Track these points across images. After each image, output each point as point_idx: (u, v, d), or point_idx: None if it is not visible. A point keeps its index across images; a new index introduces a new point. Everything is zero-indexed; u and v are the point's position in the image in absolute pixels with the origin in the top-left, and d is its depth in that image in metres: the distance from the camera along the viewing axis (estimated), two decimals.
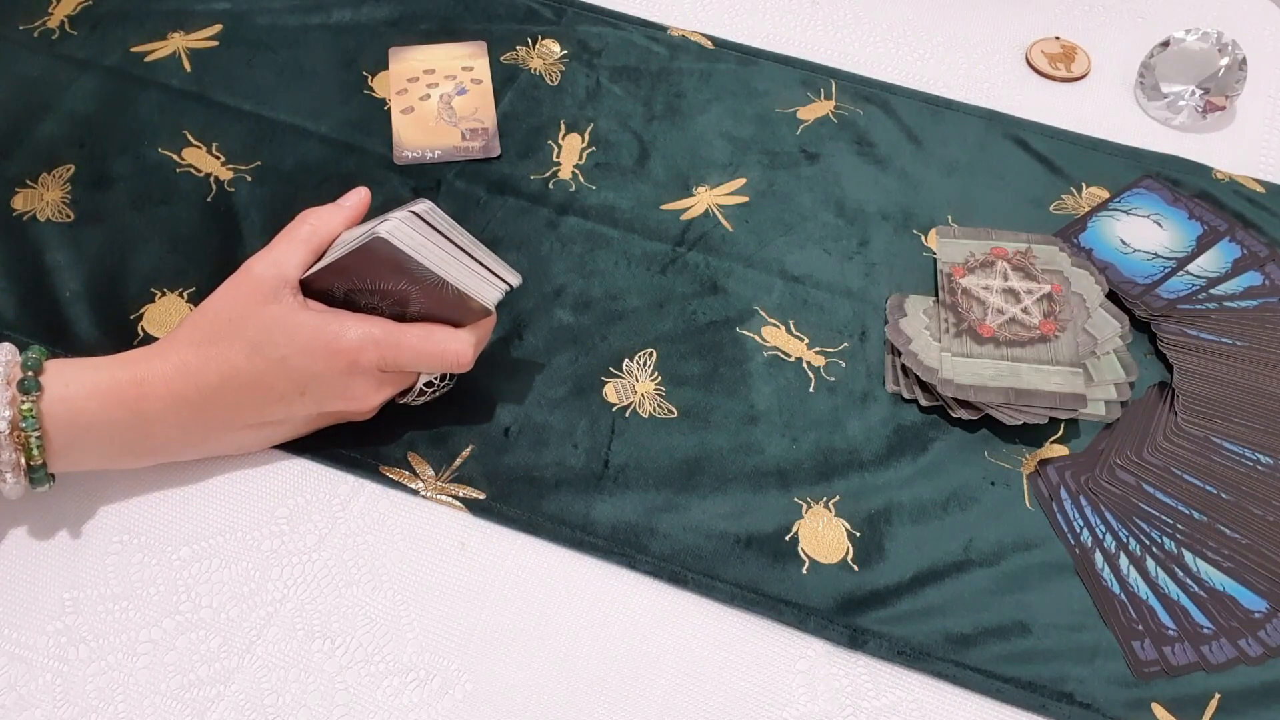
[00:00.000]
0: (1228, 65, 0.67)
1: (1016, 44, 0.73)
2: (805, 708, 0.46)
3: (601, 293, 0.58)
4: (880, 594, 0.49)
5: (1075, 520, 0.51)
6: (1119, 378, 0.55)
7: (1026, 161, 0.65)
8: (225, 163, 0.62)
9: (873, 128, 0.67)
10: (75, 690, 0.45)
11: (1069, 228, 0.62)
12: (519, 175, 0.63)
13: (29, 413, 0.43)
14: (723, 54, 0.70)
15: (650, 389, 0.55)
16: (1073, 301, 0.57)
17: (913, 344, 0.56)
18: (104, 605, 0.47)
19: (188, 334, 0.47)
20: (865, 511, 0.51)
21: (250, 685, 0.45)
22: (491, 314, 0.49)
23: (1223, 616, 0.49)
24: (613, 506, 0.51)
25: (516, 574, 0.49)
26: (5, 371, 0.43)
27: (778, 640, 0.48)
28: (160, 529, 0.49)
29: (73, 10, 0.69)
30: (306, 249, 0.48)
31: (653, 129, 0.66)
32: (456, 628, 0.47)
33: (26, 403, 0.43)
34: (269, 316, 0.46)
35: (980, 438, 0.54)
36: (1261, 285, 0.59)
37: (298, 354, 0.46)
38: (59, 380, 0.44)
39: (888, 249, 0.61)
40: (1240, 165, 0.67)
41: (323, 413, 0.50)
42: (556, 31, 0.71)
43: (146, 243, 0.59)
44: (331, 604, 0.48)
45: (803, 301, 0.59)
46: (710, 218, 0.62)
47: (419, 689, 0.46)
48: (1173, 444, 0.53)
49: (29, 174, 0.61)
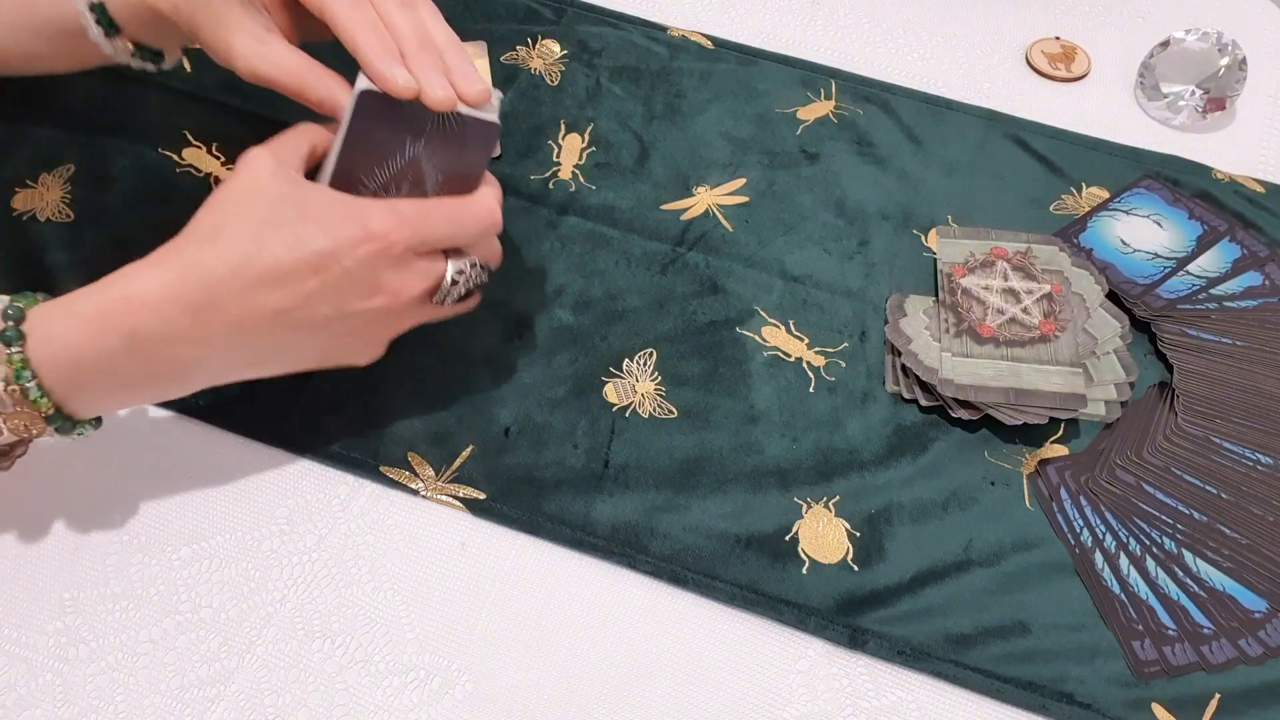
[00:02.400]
0: (1228, 65, 0.67)
1: (1016, 44, 0.73)
2: (805, 708, 0.46)
3: (601, 293, 0.58)
4: (880, 594, 0.49)
5: (1075, 520, 0.51)
6: (1119, 378, 0.55)
7: (1026, 161, 0.65)
8: (225, 163, 0.62)
9: (873, 128, 0.67)
10: (75, 690, 0.45)
11: (1069, 228, 0.62)
12: (519, 175, 0.63)
13: (20, 364, 0.40)
14: (723, 54, 0.70)
15: (650, 389, 0.55)
16: (1073, 301, 0.57)
17: (913, 344, 0.56)
18: (104, 605, 0.47)
19: (185, 234, 0.43)
20: (865, 511, 0.51)
21: (250, 685, 0.45)
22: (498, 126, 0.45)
23: (1223, 616, 0.49)
24: (613, 506, 0.51)
25: (516, 574, 0.49)
26: None
27: (778, 640, 0.48)
28: (160, 529, 0.49)
29: None
30: (303, 139, 0.45)
31: (653, 129, 0.66)
32: (456, 628, 0.47)
33: (13, 354, 0.40)
34: (277, 193, 0.42)
35: (980, 438, 0.54)
36: (1261, 285, 0.59)
37: (316, 231, 0.42)
38: (43, 323, 0.41)
39: (888, 249, 0.61)
40: (1240, 165, 0.67)
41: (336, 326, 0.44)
42: (556, 31, 0.71)
43: (146, 243, 0.58)
44: (331, 604, 0.48)
45: (803, 301, 0.59)
46: (710, 218, 0.62)
47: (419, 689, 0.46)
48: (1173, 444, 0.53)
49: (29, 174, 0.61)
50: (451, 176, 0.46)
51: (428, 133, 0.44)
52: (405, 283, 0.45)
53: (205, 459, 0.51)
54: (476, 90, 0.44)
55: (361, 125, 0.43)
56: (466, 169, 0.46)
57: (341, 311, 0.44)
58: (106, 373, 0.42)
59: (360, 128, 0.43)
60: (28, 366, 0.41)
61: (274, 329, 0.43)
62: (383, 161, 0.44)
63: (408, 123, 0.44)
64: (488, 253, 0.49)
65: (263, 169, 0.43)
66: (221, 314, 0.42)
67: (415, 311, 0.47)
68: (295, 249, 0.42)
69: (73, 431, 0.43)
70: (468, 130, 0.45)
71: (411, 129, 0.44)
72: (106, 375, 0.42)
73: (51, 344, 0.41)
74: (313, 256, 0.42)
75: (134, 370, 0.42)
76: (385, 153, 0.44)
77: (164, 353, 0.42)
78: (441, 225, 0.45)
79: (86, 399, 0.43)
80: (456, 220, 0.45)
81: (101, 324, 0.41)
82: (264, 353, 0.45)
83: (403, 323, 0.48)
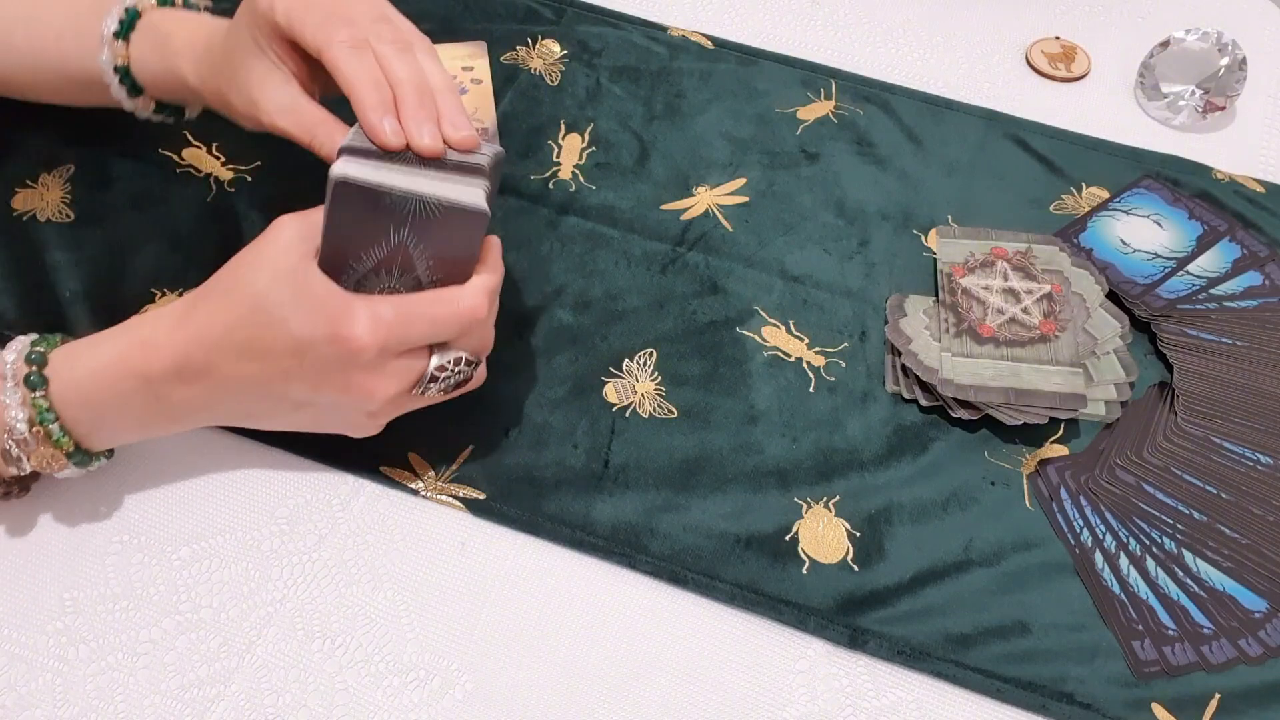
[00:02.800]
0: (1228, 65, 0.67)
1: (1016, 44, 0.73)
2: (805, 708, 0.46)
3: (601, 293, 0.58)
4: (880, 594, 0.49)
5: (1075, 520, 0.51)
6: (1119, 378, 0.55)
7: (1026, 161, 0.65)
8: (225, 163, 0.62)
9: (873, 128, 0.67)
10: (75, 690, 0.45)
11: (1069, 228, 0.62)
12: (519, 175, 0.63)
13: (43, 407, 0.43)
14: (723, 54, 0.70)
15: (650, 389, 0.55)
16: (1073, 301, 0.57)
17: (913, 344, 0.56)
18: (104, 605, 0.47)
19: (206, 286, 0.44)
20: (865, 511, 0.51)
21: (250, 685, 0.45)
22: (486, 214, 0.43)
23: (1223, 616, 0.49)
24: (613, 506, 0.51)
25: (516, 574, 0.49)
26: (14, 371, 0.43)
27: (778, 640, 0.48)
28: (160, 529, 0.49)
29: None
30: None
31: (653, 129, 0.66)
32: (456, 628, 0.47)
33: (38, 399, 0.43)
34: (284, 269, 0.42)
35: (980, 438, 0.54)
36: (1261, 285, 0.59)
37: (300, 318, 0.42)
38: (65, 366, 0.44)
39: (888, 249, 0.61)
40: (1240, 165, 0.67)
41: (319, 405, 0.45)
42: (556, 31, 0.71)
43: (146, 243, 0.59)
44: (331, 604, 0.48)
45: (803, 301, 0.59)
46: (710, 218, 0.62)
47: (419, 689, 0.46)
48: (1173, 444, 0.53)
49: (29, 174, 0.61)
50: (442, 262, 0.44)
51: (410, 221, 0.42)
52: (377, 384, 0.44)
53: (205, 459, 0.51)
54: (462, 135, 0.44)
55: (339, 210, 0.42)
56: (457, 253, 0.44)
57: (316, 398, 0.44)
58: (123, 412, 0.45)
59: (338, 213, 0.42)
60: (51, 409, 0.43)
61: (258, 396, 0.45)
62: (367, 247, 0.43)
63: (387, 210, 0.42)
64: (477, 345, 0.46)
65: (281, 237, 0.43)
66: (214, 373, 0.44)
67: (400, 403, 0.46)
68: (273, 329, 0.42)
69: (89, 464, 0.46)
70: (450, 218, 0.43)
71: (392, 217, 0.42)
72: (123, 414, 0.45)
73: (74, 387, 0.44)
74: (289, 340, 0.42)
75: (148, 409, 0.45)
76: (368, 238, 0.43)
77: (174, 395, 0.44)
78: (420, 326, 0.43)
79: (104, 435, 0.46)
80: (438, 320, 0.44)
81: (120, 367, 0.44)
82: (257, 412, 0.46)
83: (389, 412, 0.46)
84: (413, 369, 0.44)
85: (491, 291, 0.45)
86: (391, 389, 0.44)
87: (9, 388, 0.43)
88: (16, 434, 0.43)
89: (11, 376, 0.43)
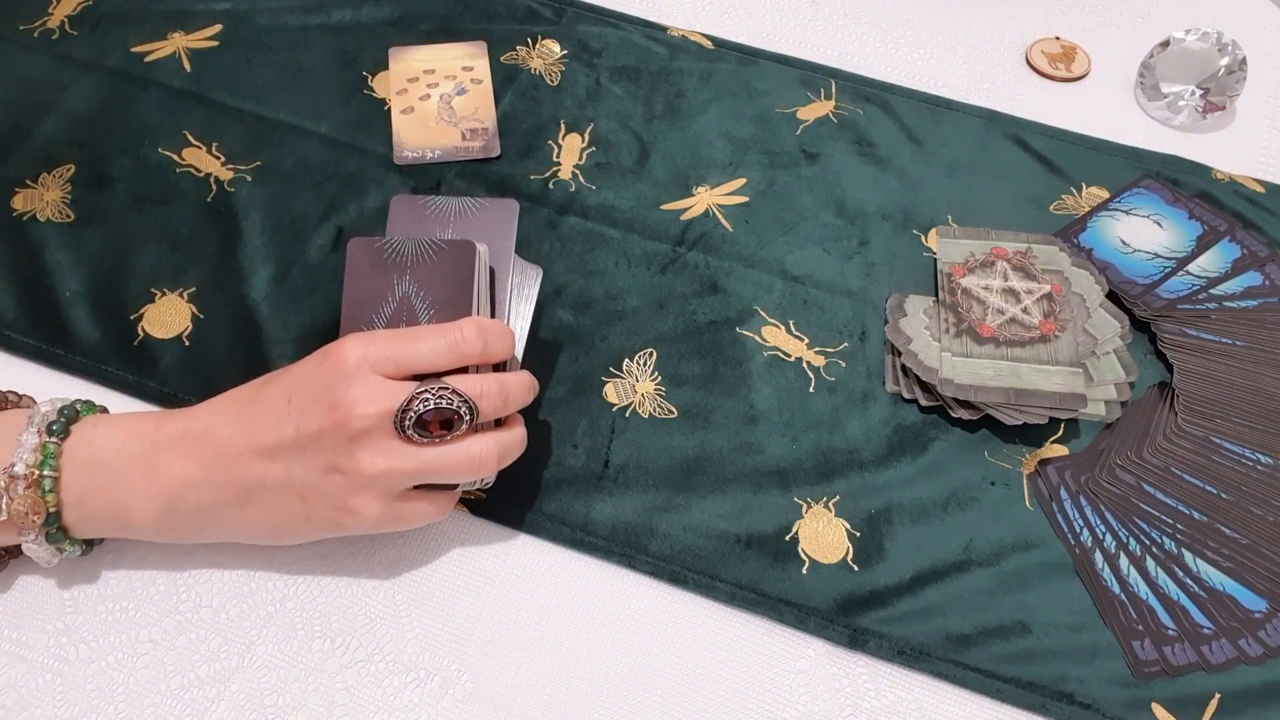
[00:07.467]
0: (1228, 65, 0.67)
1: (1016, 44, 0.73)
2: (805, 708, 0.46)
3: (601, 293, 0.58)
4: (880, 594, 0.49)
5: (1075, 520, 0.51)
6: (1119, 378, 0.55)
7: (1026, 161, 0.65)
8: (225, 163, 0.62)
9: (873, 128, 0.67)
10: (75, 690, 0.45)
11: (1069, 228, 0.62)
12: (519, 175, 0.63)
13: (51, 452, 0.43)
14: (723, 54, 0.70)
15: (650, 389, 0.55)
16: (1073, 301, 0.57)
17: (913, 344, 0.56)
18: (104, 605, 0.47)
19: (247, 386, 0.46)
20: (865, 511, 0.51)
21: (250, 685, 0.45)
22: (473, 244, 0.46)
23: (1223, 616, 0.49)
24: (613, 506, 0.51)
25: (516, 574, 0.49)
26: (43, 418, 0.44)
27: (778, 640, 0.48)
28: None
29: (73, 10, 0.69)
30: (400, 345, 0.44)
31: (653, 129, 0.66)
32: (456, 628, 0.47)
33: (50, 443, 0.43)
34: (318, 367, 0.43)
35: (980, 438, 0.54)
36: (1261, 285, 0.59)
37: (297, 365, 0.44)
38: (89, 425, 0.45)
39: (888, 249, 0.61)
40: (1240, 165, 0.67)
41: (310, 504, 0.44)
42: (556, 31, 0.71)
43: (146, 243, 0.59)
44: (331, 604, 0.48)
45: (803, 301, 0.59)
46: (710, 218, 0.62)
47: (419, 689, 0.46)
48: (1173, 444, 0.53)
49: (29, 174, 0.61)
50: (442, 311, 0.46)
51: (411, 267, 0.46)
52: (357, 397, 0.42)
53: None
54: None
55: (355, 269, 0.46)
56: (450, 293, 0.46)
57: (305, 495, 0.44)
58: (117, 478, 0.43)
59: (355, 272, 0.46)
60: (56, 459, 0.43)
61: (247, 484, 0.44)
62: (378, 306, 0.46)
63: (392, 259, 0.46)
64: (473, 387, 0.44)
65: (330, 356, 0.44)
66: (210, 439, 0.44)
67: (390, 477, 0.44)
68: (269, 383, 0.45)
69: (61, 542, 0.44)
70: (447, 253, 0.46)
71: (396, 267, 0.46)
72: (116, 481, 0.43)
73: (86, 442, 0.44)
74: (281, 385, 0.44)
75: (142, 480, 0.43)
76: (380, 295, 0.46)
77: (172, 467, 0.43)
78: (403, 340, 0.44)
79: (89, 505, 0.44)
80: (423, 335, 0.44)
81: (134, 427, 0.45)
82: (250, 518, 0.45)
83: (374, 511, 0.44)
84: (393, 391, 0.43)
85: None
86: (371, 406, 0.42)
87: (30, 430, 0.43)
88: (13, 471, 0.42)
89: (39, 422, 0.44)
